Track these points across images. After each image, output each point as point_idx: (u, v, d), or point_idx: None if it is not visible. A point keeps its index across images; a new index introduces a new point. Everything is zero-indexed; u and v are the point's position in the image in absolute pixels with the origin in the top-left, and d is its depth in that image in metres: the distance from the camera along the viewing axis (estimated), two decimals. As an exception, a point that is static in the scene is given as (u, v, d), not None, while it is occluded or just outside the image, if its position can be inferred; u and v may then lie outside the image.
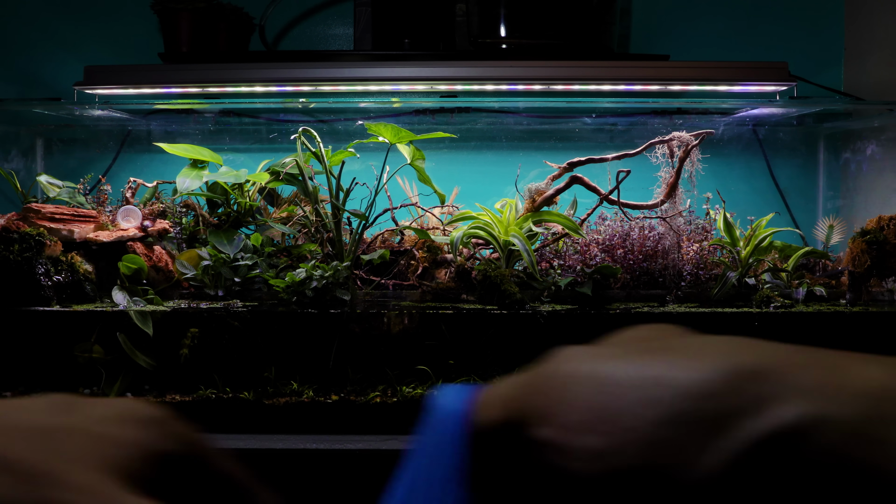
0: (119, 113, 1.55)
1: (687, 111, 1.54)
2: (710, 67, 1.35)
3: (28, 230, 1.25)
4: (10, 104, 1.52)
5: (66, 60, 1.67)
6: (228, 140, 1.65)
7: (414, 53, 1.40)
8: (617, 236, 1.40)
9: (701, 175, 1.38)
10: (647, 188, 1.43)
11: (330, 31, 1.70)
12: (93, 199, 1.46)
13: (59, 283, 1.26)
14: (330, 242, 1.37)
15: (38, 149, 1.66)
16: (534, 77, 1.33)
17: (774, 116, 1.59)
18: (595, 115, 1.59)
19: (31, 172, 1.63)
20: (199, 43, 1.45)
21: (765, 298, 1.30)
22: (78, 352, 1.23)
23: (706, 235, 1.43)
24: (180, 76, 1.36)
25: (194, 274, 1.31)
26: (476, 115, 1.57)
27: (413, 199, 1.53)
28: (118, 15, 1.67)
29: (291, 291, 1.24)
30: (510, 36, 1.39)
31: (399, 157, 1.38)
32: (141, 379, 1.24)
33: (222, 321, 1.23)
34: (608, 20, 1.42)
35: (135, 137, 1.66)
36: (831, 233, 1.50)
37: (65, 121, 1.63)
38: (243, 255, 1.32)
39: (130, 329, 1.21)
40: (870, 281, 1.35)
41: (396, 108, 1.56)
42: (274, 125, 1.64)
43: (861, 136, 1.58)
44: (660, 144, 1.39)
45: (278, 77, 1.34)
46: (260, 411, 1.21)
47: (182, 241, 1.43)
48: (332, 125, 1.62)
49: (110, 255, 1.33)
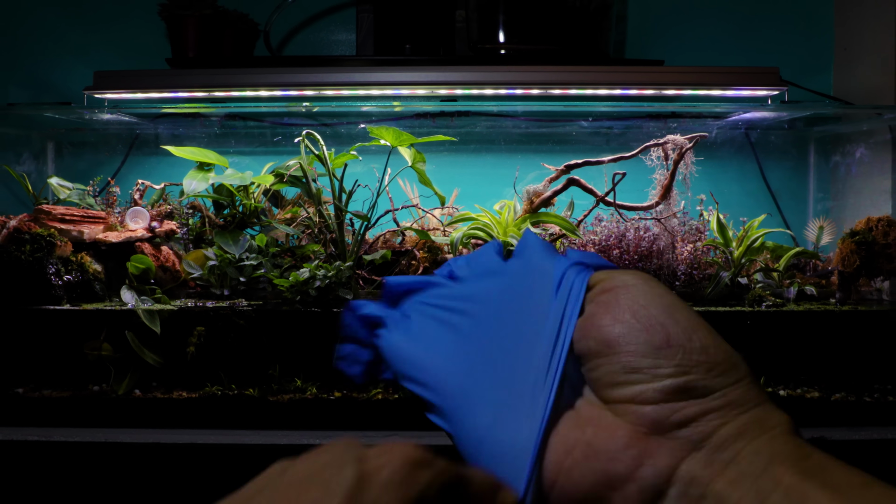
0: (127, 117, 1.57)
1: (681, 115, 1.56)
2: (703, 72, 1.37)
3: (39, 231, 1.28)
4: (22, 108, 1.54)
5: (76, 66, 1.70)
6: (234, 143, 1.67)
7: (415, 59, 1.42)
8: (613, 237, 1.42)
9: (695, 177, 1.41)
10: (643, 190, 1.45)
11: (333, 36, 1.73)
12: (102, 201, 1.48)
13: (69, 282, 1.29)
14: (333, 243, 1.40)
15: (49, 152, 1.68)
16: (532, 82, 1.35)
17: (766, 120, 1.61)
18: (591, 119, 1.61)
19: (43, 175, 1.66)
20: (205, 48, 1.47)
21: (757, 297, 1.33)
22: (87, 349, 1.25)
23: (700, 236, 1.46)
24: (187, 81, 1.38)
25: (201, 274, 1.33)
26: (475, 118, 1.59)
27: (414, 200, 1.56)
28: (126, 21, 1.70)
29: (295, 291, 1.26)
30: (509, 42, 1.41)
31: (400, 159, 1.40)
32: (149, 376, 1.26)
33: (228, 320, 1.25)
34: (604, 26, 1.44)
35: (143, 141, 1.69)
36: (821, 234, 1.52)
37: (75, 124, 1.65)
38: (248, 255, 1.34)
39: (138, 327, 1.24)
40: (859, 280, 1.38)
41: (398, 111, 1.58)
42: (278, 129, 1.67)
43: (850, 140, 1.61)
44: (655, 147, 1.42)
45: (282, 82, 1.36)
46: (265, 408, 1.23)
47: (189, 241, 1.45)
48: (335, 128, 1.64)
49: (119, 256, 1.35)
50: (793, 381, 1.28)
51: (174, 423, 1.22)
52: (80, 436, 1.18)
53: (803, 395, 1.26)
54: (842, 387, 1.27)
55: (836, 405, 1.24)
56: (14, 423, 1.23)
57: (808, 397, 1.25)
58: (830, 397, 1.25)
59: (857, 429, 1.21)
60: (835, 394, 1.26)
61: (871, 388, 1.28)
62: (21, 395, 1.25)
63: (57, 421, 1.23)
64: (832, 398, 1.25)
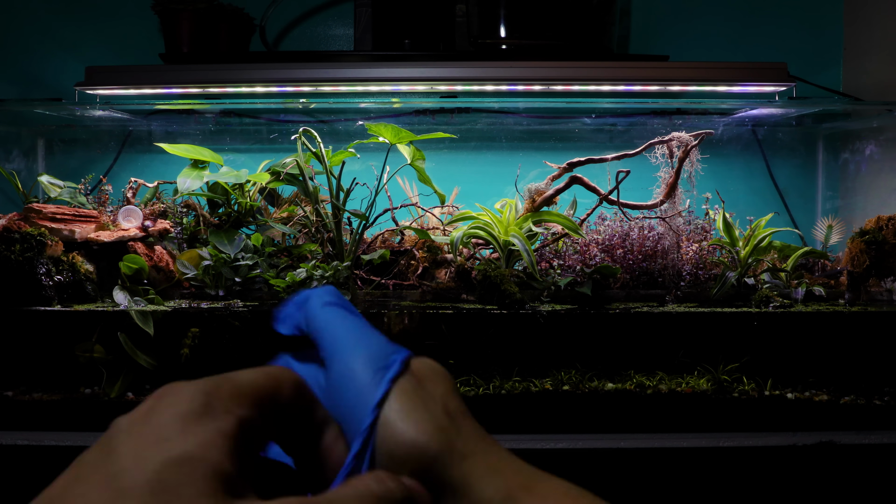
0: (120, 113, 1.55)
1: (686, 111, 1.54)
2: (709, 68, 1.35)
3: (29, 230, 1.25)
4: (11, 104, 1.52)
5: (67, 61, 1.68)
6: (229, 140, 1.65)
7: (414, 54, 1.40)
8: (616, 236, 1.40)
9: (700, 175, 1.39)
10: (647, 188, 1.43)
11: (330, 31, 1.71)
12: (94, 200, 1.46)
13: (60, 282, 1.27)
14: (330, 242, 1.38)
15: (39, 149, 1.66)
16: (533, 77, 1.33)
17: (773, 117, 1.59)
18: (595, 116, 1.59)
19: (33, 173, 1.63)
20: (199, 43, 1.45)
21: (764, 298, 1.31)
22: (79, 351, 1.23)
23: (705, 235, 1.43)
24: (181, 77, 1.36)
25: (195, 274, 1.31)
26: (476, 115, 1.57)
27: (413, 199, 1.54)
28: (119, 16, 1.67)
29: (292, 291, 1.24)
30: (510, 37, 1.39)
31: (399, 157, 1.38)
32: (142, 378, 1.24)
33: (223, 321, 1.23)
34: (608, 21, 1.42)
35: (136, 138, 1.66)
36: (830, 233, 1.50)
37: (66, 121, 1.63)
38: (244, 255, 1.32)
39: (131, 329, 1.21)
40: (868, 281, 1.35)
41: (396, 108, 1.56)
42: (274, 125, 1.64)
43: (860, 137, 1.58)
44: (659, 145, 1.40)
45: (279, 77, 1.34)
46: (260, 411, 1.21)
47: (183, 241, 1.43)
48: (332, 125, 1.62)
49: (111, 255, 1.33)
50: (801, 384, 1.25)
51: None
52: (71, 440, 1.16)
53: (811, 398, 1.23)
54: (851, 390, 1.25)
55: (845, 408, 1.22)
56: (4, 427, 1.21)
57: (816, 400, 1.23)
58: (839, 400, 1.23)
59: (866, 433, 1.19)
60: (844, 397, 1.24)
61: (882, 391, 1.25)
62: (11, 399, 1.23)
63: (48, 424, 1.21)
64: (841, 401, 1.23)
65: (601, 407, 1.21)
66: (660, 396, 1.22)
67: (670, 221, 1.38)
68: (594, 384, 1.24)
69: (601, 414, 1.21)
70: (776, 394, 1.23)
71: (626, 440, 1.17)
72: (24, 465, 1.15)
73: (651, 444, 1.15)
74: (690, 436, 1.19)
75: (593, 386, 1.23)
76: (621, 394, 1.22)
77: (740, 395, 1.22)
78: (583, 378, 1.24)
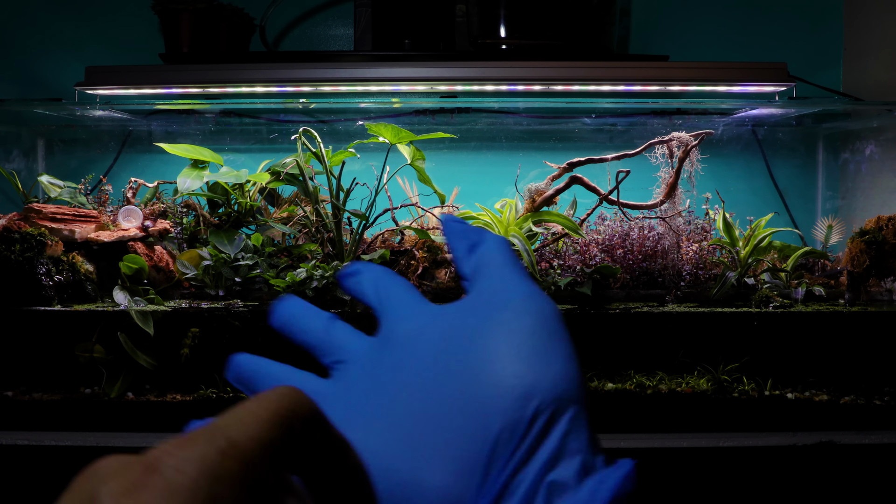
0: (120, 113, 1.55)
1: (686, 111, 1.54)
2: (709, 68, 1.35)
3: (29, 230, 1.25)
4: (11, 104, 1.52)
5: (67, 61, 1.67)
6: (229, 140, 1.65)
7: (414, 54, 1.40)
8: (616, 236, 1.40)
9: (700, 175, 1.39)
10: (647, 188, 1.43)
11: (330, 31, 1.71)
12: (94, 200, 1.46)
13: (60, 282, 1.27)
14: (330, 242, 1.38)
15: (39, 149, 1.66)
16: (533, 77, 1.33)
17: (773, 117, 1.59)
18: (595, 116, 1.59)
19: (33, 172, 1.63)
20: (199, 43, 1.45)
21: (764, 298, 1.31)
22: (79, 351, 1.23)
23: (705, 235, 1.43)
24: (181, 77, 1.36)
25: (195, 274, 1.31)
26: (476, 115, 1.57)
27: (413, 199, 1.54)
28: (119, 16, 1.67)
29: (292, 291, 1.24)
30: (510, 36, 1.39)
31: (399, 157, 1.38)
32: (142, 378, 1.24)
33: (223, 321, 1.23)
34: (607, 21, 1.42)
35: (136, 138, 1.66)
36: (830, 233, 1.50)
37: (66, 121, 1.63)
38: (244, 254, 1.32)
39: (131, 329, 1.21)
40: (868, 281, 1.35)
41: (396, 108, 1.56)
42: (274, 125, 1.64)
43: (860, 137, 1.58)
44: (659, 145, 1.40)
45: (279, 77, 1.34)
46: (260, 411, 1.21)
47: (183, 241, 1.43)
48: (332, 125, 1.62)
49: (111, 255, 1.33)
50: (801, 384, 1.25)
51: (168, 427, 1.20)
52: (71, 440, 1.16)
53: (811, 398, 1.23)
54: (851, 390, 1.25)
55: (844, 408, 1.22)
56: (4, 427, 1.21)
57: (816, 400, 1.23)
58: (839, 400, 1.23)
59: (866, 433, 1.19)
60: (844, 397, 1.24)
61: (882, 391, 1.25)
62: (11, 399, 1.23)
63: (48, 424, 1.21)
64: (841, 401, 1.23)
65: (601, 407, 1.22)
66: (660, 396, 1.22)
67: (670, 221, 1.38)
68: (594, 384, 1.24)
69: (601, 414, 1.21)
70: (776, 394, 1.23)
71: (626, 440, 1.17)
72: (24, 465, 1.15)
73: (651, 444, 1.15)
74: (690, 436, 1.19)
75: (593, 386, 1.23)
76: (621, 394, 1.22)
77: (740, 395, 1.22)
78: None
